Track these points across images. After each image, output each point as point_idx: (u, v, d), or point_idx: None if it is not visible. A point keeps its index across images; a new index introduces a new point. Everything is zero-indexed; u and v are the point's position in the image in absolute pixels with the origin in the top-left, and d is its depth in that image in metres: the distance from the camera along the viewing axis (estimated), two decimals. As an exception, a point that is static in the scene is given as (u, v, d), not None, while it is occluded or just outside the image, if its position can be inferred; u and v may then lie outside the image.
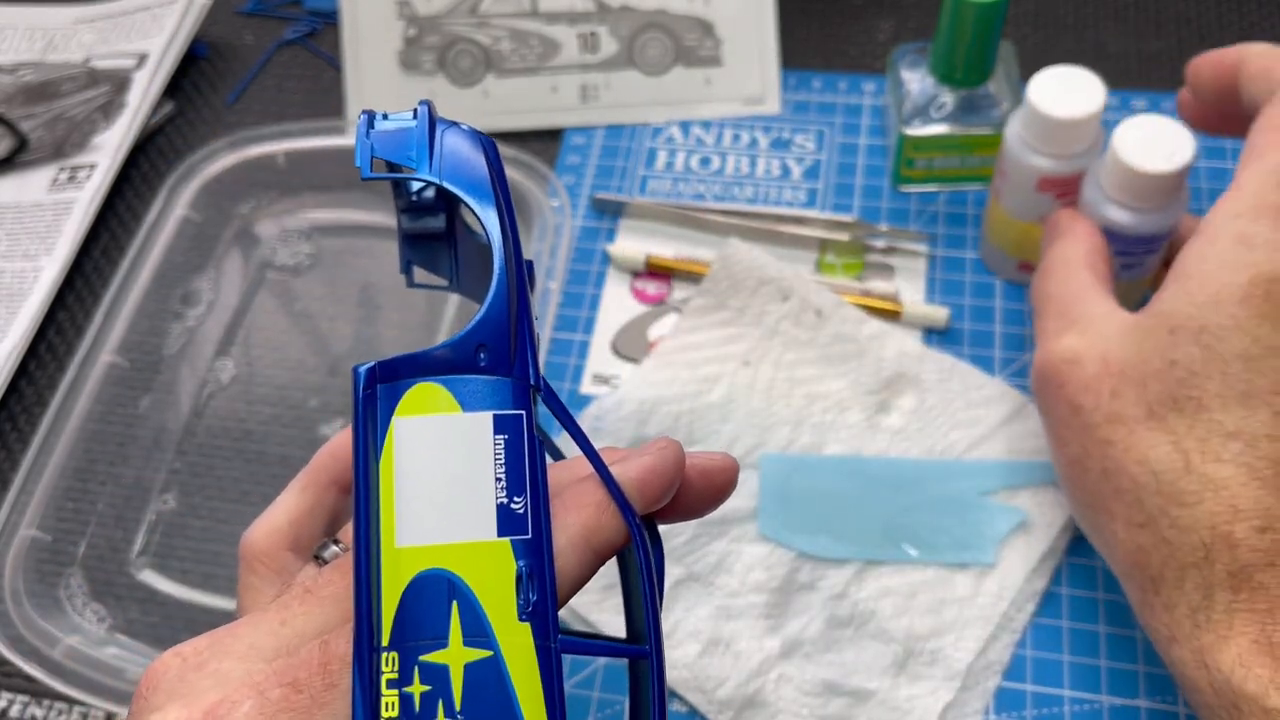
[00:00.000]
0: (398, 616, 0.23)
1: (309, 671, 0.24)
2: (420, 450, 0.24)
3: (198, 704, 0.24)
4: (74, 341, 0.62)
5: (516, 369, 0.25)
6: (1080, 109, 0.50)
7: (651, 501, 0.27)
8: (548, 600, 0.24)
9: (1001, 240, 0.57)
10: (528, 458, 0.25)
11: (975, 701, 0.47)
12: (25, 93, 0.72)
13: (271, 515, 0.34)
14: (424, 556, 0.23)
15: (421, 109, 0.27)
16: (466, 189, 0.27)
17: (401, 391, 0.25)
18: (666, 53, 0.67)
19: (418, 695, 0.23)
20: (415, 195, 0.32)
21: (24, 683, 0.51)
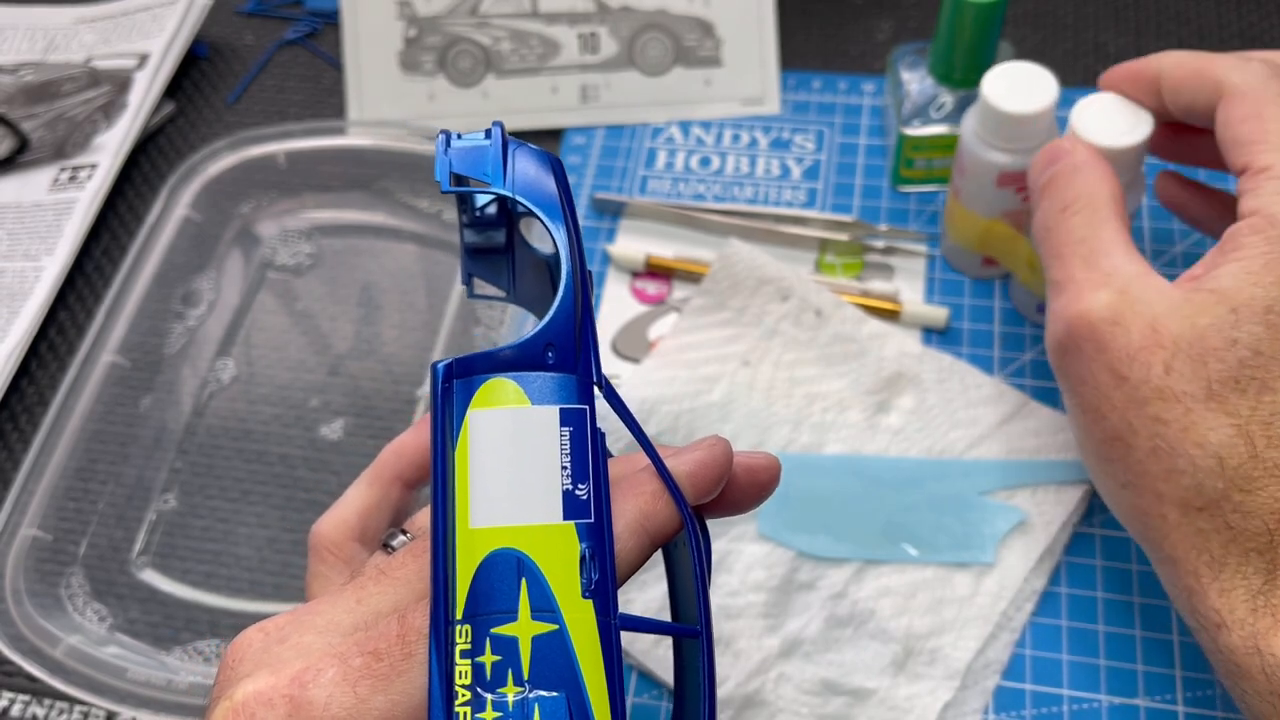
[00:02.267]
0: (471, 592, 0.25)
1: (388, 642, 0.26)
2: (493, 440, 0.26)
3: (285, 671, 0.26)
4: (75, 341, 0.62)
5: (581, 367, 0.28)
6: (1034, 103, 0.50)
7: (702, 493, 0.29)
8: (608, 580, 0.26)
9: (963, 237, 0.57)
10: (590, 448, 0.27)
11: (974, 700, 0.47)
12: (26, 93, 0.72)
13: (340, 508, 0.35)
14: (496, 537, 0.25)
15: (495, 129, 0.30)
16: (537, 202, 0.29)
17: (476, 386, 0.27)
18: (666, 53, 0.67)
19: (489, 664, 0.24)
20: (479, 211, 0.35)
21: (25, 682, 0.51)
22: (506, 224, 0.35)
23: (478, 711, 0.24)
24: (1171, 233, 0.60)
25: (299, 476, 0.56)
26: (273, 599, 0.53)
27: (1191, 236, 0.60)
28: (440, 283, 0.62)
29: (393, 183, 0.66)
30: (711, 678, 0.28)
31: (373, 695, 0.25)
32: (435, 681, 0.25)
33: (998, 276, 0.59)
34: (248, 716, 0.26)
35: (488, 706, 0.24)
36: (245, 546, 0.54)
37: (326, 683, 0.26)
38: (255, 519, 0.55)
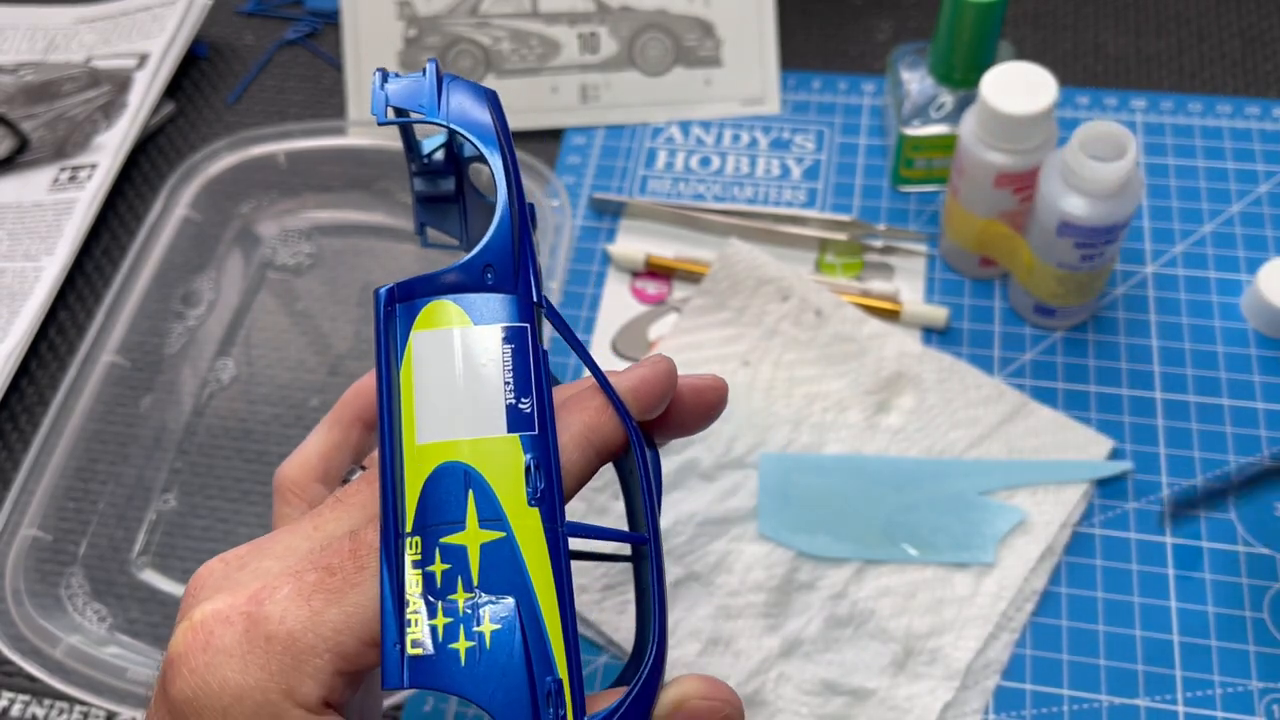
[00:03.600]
0: (419, 505, 0.26)
1: (340, 558, 0.27)
2: (436, 359, 0.27)
3: (242, 592, 0.27)
4: (75, 341, 0.62)
5: (520, 287, 0.28)
6: (1033, 105, 0.50)
7: (646, 408, 0.30)
8: (554, 490, 0.26)
9: (961, 237, 0.57)
10: (533, 365, 0.27)
11: (974, 700, 0.47)
12: (26, 93, 0.72)
13: (303, 450, 0.36)
14: (442, 451, 0.26)
15: (430, 65, 0.30)
16: (472, 130, 0.29)
17: (418, 309, 0.27)
18: (666, 53, 0.67)
19: (439, 573, 0.25)
20: (427, 158, 0.35)
21: (25, 682, 0.51)
22: (455, 172, 0.36)
23: (430, 618, 0.25)
24: (1171, 233, 0.60)
25: (299, 476, 0.56)
26: (273, 599, 0.53)
27: (1192, 236, 0.60)
28: (440, 283, 0.62)
29: (393, 183, 0.66)
30: (661, 582, 0.28)
31: (326, 608, 0.26)
32: (387, 590, 0.25)
33: (996, 276, 0.59)
34: (206, 634, 0.26)
35: (439, 612, 0.25)
36: (245, 546, 0.54)
37: (282, 599, 0.26)
38: (255, 519, 0.55)
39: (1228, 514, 0.51)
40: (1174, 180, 0.62)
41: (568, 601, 0.25)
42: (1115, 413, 0.54)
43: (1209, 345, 0.56)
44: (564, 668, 0.25)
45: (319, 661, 0.26)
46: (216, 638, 0.26)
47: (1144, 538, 0.51)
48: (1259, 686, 0.47)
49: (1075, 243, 0.51)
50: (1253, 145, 0.63)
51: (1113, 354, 0.56)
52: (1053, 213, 0.50)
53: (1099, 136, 0.49)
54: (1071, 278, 0.53)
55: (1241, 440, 0.53)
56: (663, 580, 0.28)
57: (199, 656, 0.26)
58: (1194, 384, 0.55)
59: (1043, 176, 0.51)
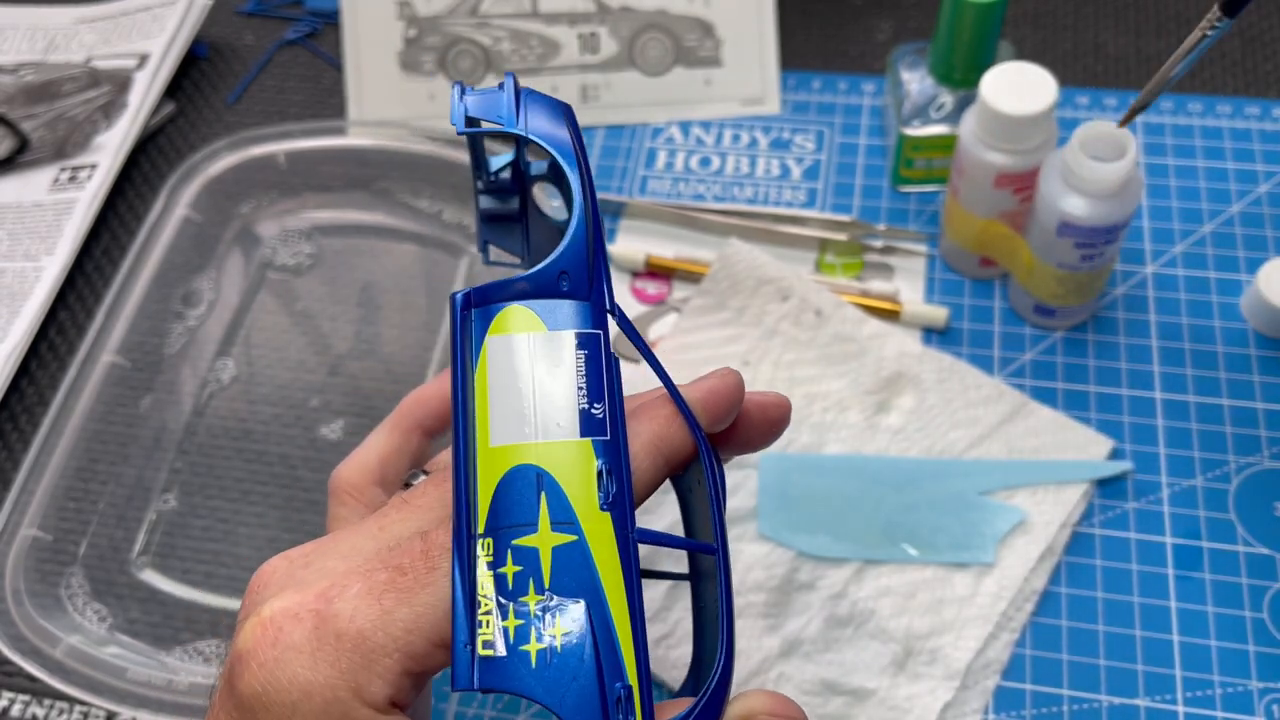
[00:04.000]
0: (492, 507, 0.26)
1: (412, 558, 0.27)
2: (510, 363, 0.27)
3: (310, 589, 0.27)
4: (75, 341, 0.62)
5: (594, 295, 0.28)
6: (1033, 105, 0.50)
7: (714, 419, 0.30)
8: (625, 495, 0.26)
9: (961, 237, 0.57)
10: (605, 371, 0.28)
11: (974, 700, 0.47)
12: (26, 93, 0.72)
13: (361, 453, 0.36)
14: (515, 454, 0.26)
15: (508, 79, 0.31)
16: (550, 142, 0.30)
17: (493, 314, 0.28)
18: (666, 53, 0.67)
19: (510, 575, 0.25)
20: (494, 176, 0.36)
21: (25, 682, 0.51)
22: (520, 190, 0.36)
23: (501, 619, 0.25)
24: (1171, 233, 0.60)
25: (299, 476, 0.56)
26: (273, 599, 0.53)
27: (1191, 236, 0.60)
28: (440, 283, 0.62)
29: (393, 183, 0.66)
30: (729, 597, 0.28)
31: (397, 607, 0.26)
32: (458, 591, 0.25)
33: (996, 277, 0.59)
34: (275, 629, 0.26)
35: (510, 614, 0.25)
36: (245, 546, 0.54)
37: (352, 596, 0.26)
38: (255, 519, 0.55)
39: (1228, 514, 0.51)
40: (1174, 180, 0.62)
41: (638, 607, 0.25)
42: (1115, 413, 0.54)
43: (1209, 345, 0.56)
44: (634, 674, 0.25)
45: (388, 661, 0.26)
46: (286, 634, 0.26)
47: (1144, 538, 0.51)
48: (1259, 686, 0.47)
49: (1075, 243, 0.51)
50: (1253, 145, 0.63)
51: (1113, 354, 0.56)
52: (1053, 213, 0.50)
53: (1099, 136, 0.49)
54: (1071, 278, 0.53)
55: (1241, 440, 0.53)
56: (730, 591, 0.28)
57: (268, 652, 0.26)
58: (1194, 384, 0.55)
59: (1043, 176, 0.51)
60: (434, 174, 0.65)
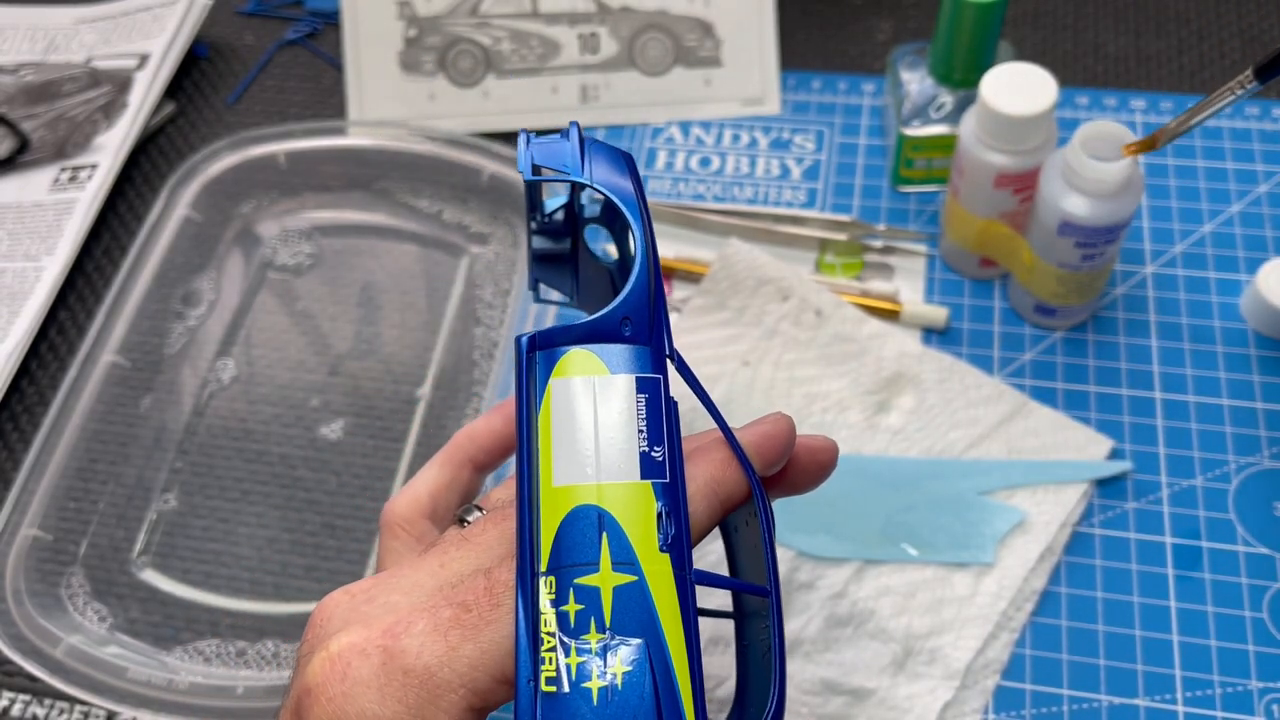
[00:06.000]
0: (555, 546, 0.26)
1: (476, 595, 0.27)
2: (573, 406, 0.28)
3: (376, 625, 0.28)
4: (75, 341, 0.62)
5: (654, 340, 0.29)
6: (1033, 105, 0.50)
7: (768, 462, 0.31)
8: (684, 536, 0.27)
9: (961, 237, 0.57)
10: (664, 415, 0.28)
11: (974, 700, 0.47)
12: (27, 93, 0.72)
13: (413, 487, 0.37)
14: (578, 495, 0.27)
15: (572, 128, 0.32)
16: (614, 191, 0.31)
17: (557, 357, 0.29)
18: (666, 53, 0.67)
19: (573, 613, 0.26)
20: (547, 218, 0.37)
21: (25, 682, 0.51)
22: (572, 232, 0.37)
23: (564, 657, 0.25)
24: (1171, 233, 0.60)
25: (299, 476, 0.56)
26: (273, 599, 0.53)
27: (1191, 236, 0.60)
28: (440, 283, 0.62)
29: (393, 183, 0.66)
30: (781, 639, 0.29)
31: (463, 644, 0.26)
32: (522, 628, 0.26)
33: (996, 277, 0.59)
34: (343, 665, 0.27)
35: (572, 652, 0.25)
36: (245, 546, 0.54)
37: (418, 633, 0.27)
38: (255, 519, 0.55)
39: (1227, 514, 0.51)
40: (1174, 180, 0.62)
41: (695, 647, 0.26)
42: (1115, 413, 0.54)
43: (1208, 345, 0.56)
44: (691, 713, 0.25)
45: (453, 697, 0.26)
46: (354, 669, 0.27)
47: (1144, 538, 0.51)
48: (1259, 686, 0.47)
49: (1076, 242, 0.51)
50: (1252, 145, 0.63)
51: (1112, 354, 0.56)
52: (1053, 212, 0.50)
53: (1100, 136, 0.49)
54: (1072, 277, 0.53)
55: (1241, 440, 0.53)
56: (782, 632, 0.29)
57: (337, 686, 0.27)
58: (1193, 384, 0.55)
59: (1043, 176, 0.51)
60: (434, 174, 0.65)
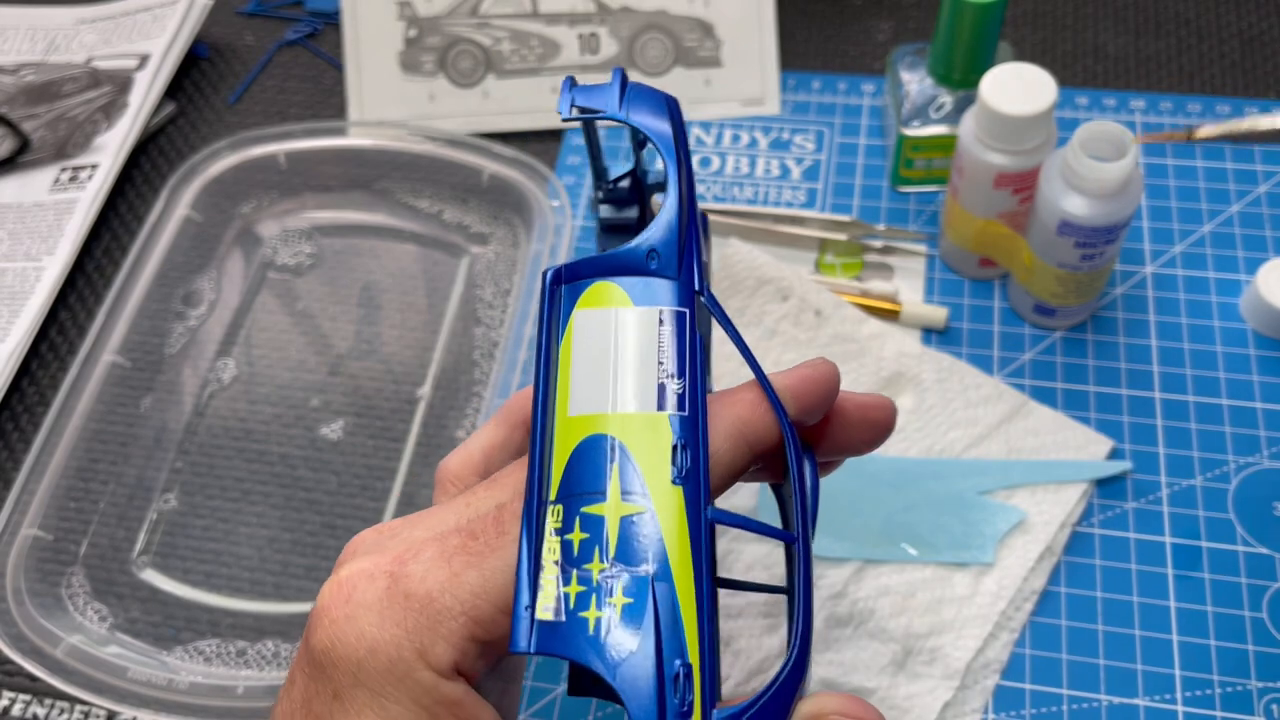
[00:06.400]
0: (565, 475, 0.26)
1: (485, 525, 0.27)
2: (594, 336, 0.27)
3: (388, 553, 0.28)
4: (76, 341, 0.62)
5: (683, 275, 0.28)
6: (1033, 105, 0.50)
7: (804, 408, 0.29)
8: (700, 471, 0.26)
9: (961, 237, 0.57)
10: (689, 349, 0.28)
11: (974, 700, 0.47)
12: (27, 93, 0.72)
13: (466, 445, 0.36)
14: (592, 424, 0.26)
15: (615, 72, 0.31)
16: (648, 129, 0.30)
17: (582, 289, 0.28)
18: (666, 53, 0.67)
19: (577, 541, 0.25)
20: (613, 185, 0.37)
21: (26, 682, 0.51)
22: (639, 201, 0.37)
23: (564, 585, 0.25)
24: (1171, 233, 0.60)
25: (299, 476, 0.56)
26: (273, 599, 0.53)
27: (1191, 236, 0.60)
28: (440, 283, 0.62)
29: (393, 183, 0.66)
30: (807, 586, 0.27)
31: (466, 570, 0.26)
32: (523, 554, 0.25)
33: (996, 277, 0.59)
34: (349, 588, 0.27)
35: (573, 580, 0.25)
36: (245, 546, 0.54)
37: (425, 560, 0.27)
38: (255, 519, 0.55)
39: (1227, 514, 0.51)
40: (1173, 180, 0.62)
41: (705, 586, 0.25)
42: (1115, 413, 0.54)
43: (1208, 345, 0.56)
44: (695, 653, 0.24)
45: (454, 624, 0.26)
46: (359, 592, 0.27)
47: (1143, 537, 0.51)
48: (1258, 686, 0.47)
49: (1076, 242, 0.51)
50: (1252, 145, 0.63)
51: (1112, 354, 0.56)
52: (1053, 212, 0.50)
53: (1099, 136, 0.49)
54: (1072, 278, 0.53)
55: (1241, 440, 0.53)
56: (809, 581, 0.28)
57: (340, 609, 0.27)
58: (1193, 384, 0.55)
59: (1043, 176, 0.51)
60: (434, 174, 0.65)
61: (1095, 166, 0.48)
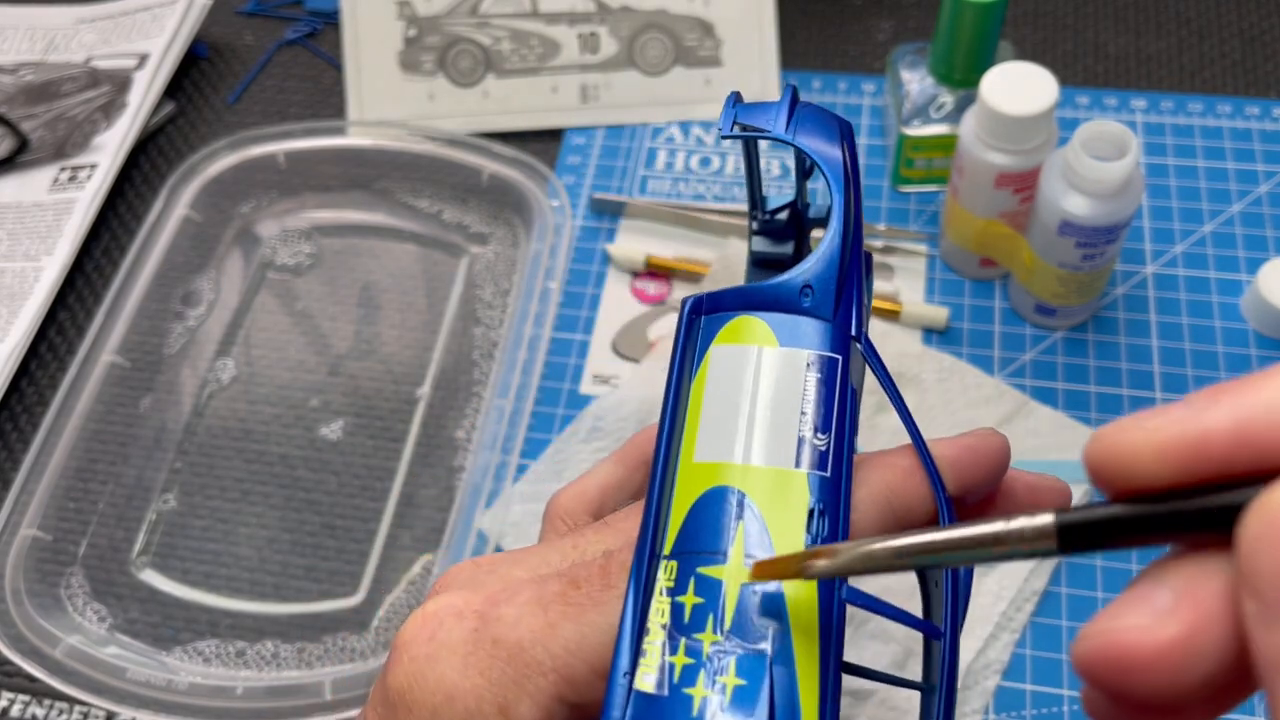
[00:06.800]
0: (683, 528, 0.23)
1: (589, 573, 0.24)
2: (732, 376, 0.25)
3: (482, 592, 0.25)
4: (75, 341, 0.62)
5: (839, 316, 0.26)
6: (1033, 105, 0.50)
7: (965, 484, 0.26)
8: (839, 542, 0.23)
9: (962, 238, 0.57)
10: (838, 401, 0.25)
11: (975, 701, 0.47)
12: (26, 93, 0.72)
13: (582, 481, 0.34)
14: (719, 473, 0.23)
15: (787, 90, 0.29)
16: (817, 154, 0.27)
17: (723, 322, 0.25)
18: (666, 53, 0.67)
19: (689, 605, 0.22)
20: (769, 216, 0.33)
21: (25, 682, 0.51)
22: (796, 235, 0.34)
23: (669, 653, 0.22)
24: (1171, 233, 0.60)
25: (299, 476, 0.56)
26: (272, 599, 0.53)
27: (1192, 236, 0.60)
28: (440, 283, 0.62)
29: (393, 183, 0.66)
30: (949, 690, 0.24)
31: (563, 621, 0.24)
32: (628, 612, 0.22)
33: (996, 277, 0.59)
34: (435, 624, 0.25)
35: (680, 649, 0.22)
36: (245, 546, 0.54)
37: (520, 603, 0.24)
38: (255, 519, 0.55)
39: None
40: (1174, 180, 0.62)
41: (831, 676, 0.22)
42: (1115, 413, 0.54)
43: (1209, 345, 0.56)
44: None
45: (542, 681, 0.23)
46: (444, 630, 0.25)
47: (1144, 538, 0.51)
48: (1259, 686, 0.47)
49: (1076, 242, 0.51)
50: (1253, 145, 0.63)
51: (1113, 354, 0.56)
52: (1054, 212, 0.50)
53: (1100, 136, 0.49)
54: (1072, 277, 0.53)
55: (1242, 440, 0.53)
56: (954, 680, 0.24)
57: (422, 646, 0.25)
58: (1194, 384, 0.55)
59: (1044, 176, 0.51)
60: (434, 174, 0.65)
61: (1096, 166, 0.48)
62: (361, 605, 0.52)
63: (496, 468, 0.54)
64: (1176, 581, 0.18)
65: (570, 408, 0.56)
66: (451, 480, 0.55)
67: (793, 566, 0.22)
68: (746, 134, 0.28)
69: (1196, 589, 0.17)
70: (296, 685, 0.49)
